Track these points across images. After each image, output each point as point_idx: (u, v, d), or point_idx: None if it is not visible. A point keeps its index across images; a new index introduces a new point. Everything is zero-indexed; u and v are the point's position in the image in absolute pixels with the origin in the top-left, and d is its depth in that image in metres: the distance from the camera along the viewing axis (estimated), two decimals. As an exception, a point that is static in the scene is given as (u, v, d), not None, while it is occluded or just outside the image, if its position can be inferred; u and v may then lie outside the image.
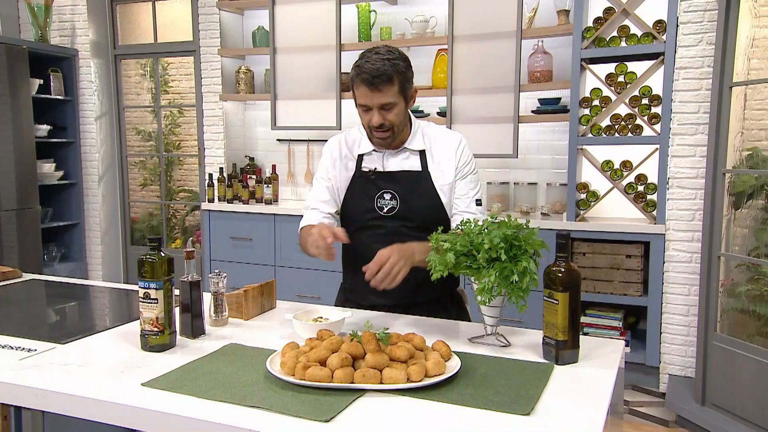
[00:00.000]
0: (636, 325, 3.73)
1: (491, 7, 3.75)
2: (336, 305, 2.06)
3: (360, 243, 1.91)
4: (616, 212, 3.57)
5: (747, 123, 3.25)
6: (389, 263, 1.64)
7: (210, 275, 1.72)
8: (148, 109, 5.69)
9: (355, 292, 1.99)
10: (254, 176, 4.52)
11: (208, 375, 1.36)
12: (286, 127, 4.41)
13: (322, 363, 1.32)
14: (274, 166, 4.57)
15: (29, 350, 1.52)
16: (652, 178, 3.47)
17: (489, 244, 1.43)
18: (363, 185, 1.93)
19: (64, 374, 1.38)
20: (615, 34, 3.44)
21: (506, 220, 1.50)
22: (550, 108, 3.78)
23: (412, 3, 4.21)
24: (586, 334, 3.30)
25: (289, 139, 4.68)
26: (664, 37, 3.29)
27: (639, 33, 3.39)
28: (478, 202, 1.93)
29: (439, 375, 1.30)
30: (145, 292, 1.50)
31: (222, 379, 1.34)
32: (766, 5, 3.09)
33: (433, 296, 1.96)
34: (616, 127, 3.46)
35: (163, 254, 1.52)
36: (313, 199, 1.99)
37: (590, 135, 3.50)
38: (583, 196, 3.57)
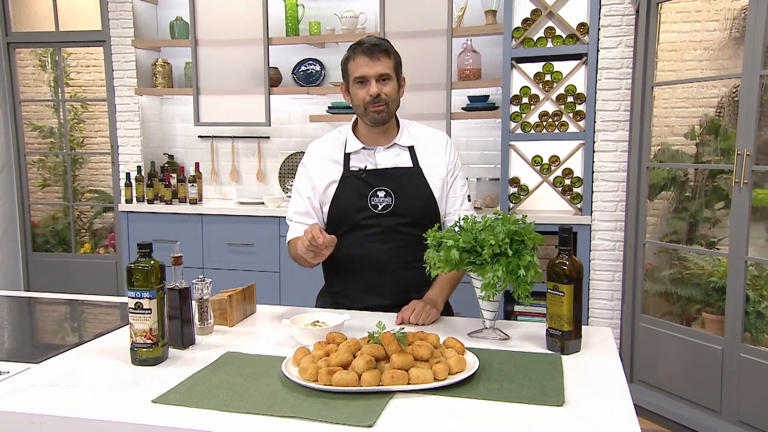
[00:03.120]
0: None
1: (421, 4, 3.80)
2: (322, 308, 2.01)
3: (353, 243, 1.88)
4: (545, 205, 3.75)
5: (655, 120, 3.53)
6: (419, 306, 1.74)
7: (194, 281, 1.63)
8: (47, 104, 5.24)
9: (346, 295, 1.96)
10: (176, 175, 4.31)
11: (221, 386, 1.29)
12: (210, 123, 4.24)
13: (344, 367, 1.30)
14: (197, 164, 4.38)
15: None
16: (578, 172, 3.67)
17: (495, 240, 1.46)
18: (354, 184, 1.90)
19: (56, 396, 1.25)
20: (542, 34, 3.60)
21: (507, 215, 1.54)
22: (480, 105, 3.90)
23: (340, -2, 4.18)
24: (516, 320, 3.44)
25: (213, 136, 4.49)
26: (587, 38, 3.49)
27: (564, 34, 3.57)
28: (468, 198, 1.98)
29: (461, 372, 1.31)
30: (136, 302, 1.39)
31: (238, 389, 1.28)
32: (670, 12, 3.37)
33: (425, 294, 1.97)
34: (544, 123, 3.63)
35: (154, 260, 1.42)
36: (293, 212, 1.98)
37: (520, 131, 3.65)
38: (514, 190, 3.72)
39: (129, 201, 4.26)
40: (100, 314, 1.98)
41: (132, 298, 1.39)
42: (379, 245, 1.84)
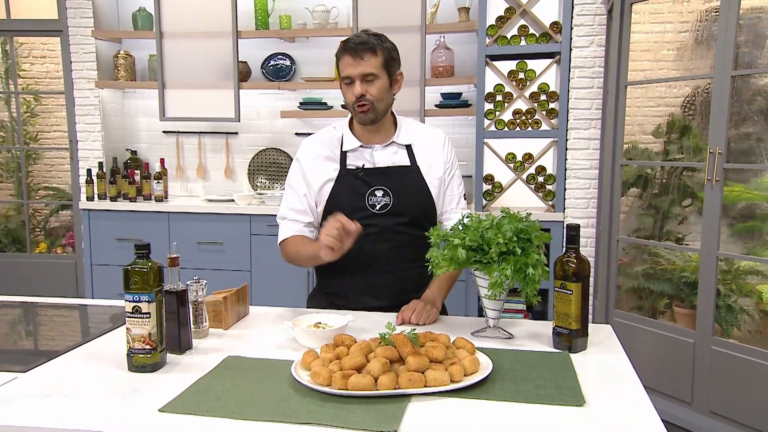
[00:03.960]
0: (530, 307, 3.98)
1: (395, 0, 3.77)
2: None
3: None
4: (518, 202, 3.78)
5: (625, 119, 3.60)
6: (419, 306, 1.71)
7: (188, 282, 1.56)
8: (-4, 96, 4.99)
9: (342, 296, 1.91)
10: (139, 171, 4.16)
11: (229, 393, 1.24)
12: (176, 118, 4.11)
13: (358, 370, 1.26)
14: (162, 161, 4.23)
15: (-14, 384, 1.28)
16: (551, 169, 3.72)
17: (503, 239, 1.45)
18: (350, 183, 1.85)
19: (53, 407, 1.18)
20: (515, 33, 3.62)
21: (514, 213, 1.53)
22: (453, 102, 3.90)
23: (311, -8, 4.11)
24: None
25: (178, 131, 4.36)
26: (559, 37, 3.53)
27: (537, 33, 3.60)
28: (465, 198, 1.97)
29: (475, 373, 1.29)
30: (134, 306, 1.32)
31: (248, 395, 1.23)
32: (643, 12, 3.44)
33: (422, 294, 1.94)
34: (518, 121, 3.65)
35: (152, 262, 1.35)
36: (290, 210, 1.91)
37: (494, 129, 3.67)
38: (488, 187, 3.73)
39: (90, 198, 4.09)
40: (56, 316, 1.87)
41: (129, 301, 1.32)
42: (376, 245, 1.80)
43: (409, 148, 1.90)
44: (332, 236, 1.56)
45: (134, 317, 1.32)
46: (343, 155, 1.89)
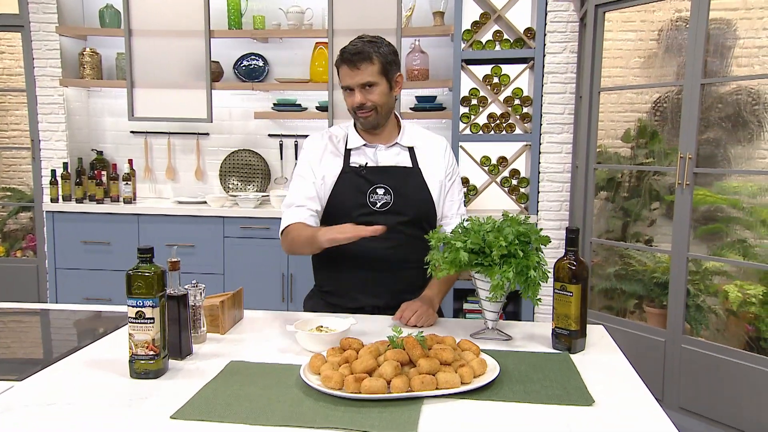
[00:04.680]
0: (505, 307, 4.04)
1: (371, 3, 3.77)
2: (311, 310, 1.95)
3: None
4: (493, 204, 3.83)
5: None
6: (421, 309, 1.73)
7: (186, 286, 1.53)
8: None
9: (339, 294, 1.91)
10: (106, 172, 4.05)
11: (240, 399, 1.22)
12: (146, 118, 4.01)
13: (369, 373, 1.26)
14: (131, 161, 4.13)
15: (-19, 394, 1.23)
16: (524, 172, 3.78)
17: (504, 241, 1.47)
18: (353, 180, 1.86)
19: (59, 415, 1.14)
20: (490, 38, 3.67)
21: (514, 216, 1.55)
22: (428, 105, 3.93)
23: (284, -8, 4.08)
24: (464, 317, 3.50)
25: (146, 131, 4.26)
26: (533, 43, 3.60)
27: (512, 39, 3.66)
28: (464, 204, 2.01)
29: (483, 374, 1.31)
30: (138, 312, 1.29)
31: (260, 401, 1.21)
32: (612, 21, 3.54)
33: (418, 296, 1.95)
34: (492, 125, 3.71)
35: (155, 266, 1.32)
36: (298, 195, 1.88)
37: (469, 132, 3.71)
38: (464, 190, 3.77)
39: (54, 200, 3.96)
40: (11, 322, 1.81)
41: (133, 306, 1.29)
42: (376, 243, 1.80)
43: (411, 150, 1.92)
44: (343, 234, 1.59)
45: (138, 323, 1.29)
46: (347, 153, 1.90)
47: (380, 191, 1.85)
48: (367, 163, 1.88)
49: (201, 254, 3.80)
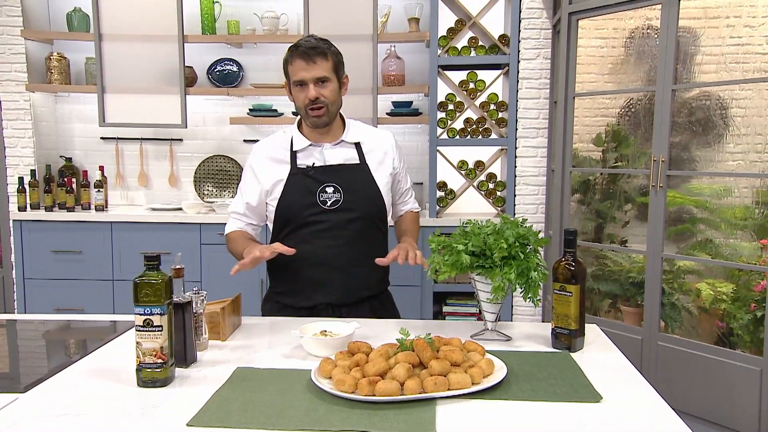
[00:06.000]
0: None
1: (346, 9, 3.78)
2: (268, 314, 1.96)
3: (301, 240, 1.87)
4: (470, 208, 3.88)
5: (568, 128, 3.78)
6: (411, 249, 1.79)
7: (188, 293, 1.51)
8: None
9: (293, 294, 1.93)
10: (76, 179, 3.95)
11: (253, 404, 1.22)
12: (117, 123, 3.93)
13: (381, 376, 1.27)
14: (102, 168, 4.04)
15: (-16, 407, 1.19)
16: (501, 176, 3.84)
17: (505, 243, 1.50)
18: (302, 181, 1.89)
19: (71, 427, 1.12)
20: (465, 44, 3.73)
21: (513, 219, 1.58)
22: (404, 110, 3.96)
23: (259, -3, 4.06)
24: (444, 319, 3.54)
25: (117, 138, 4.17)
26: (508, 49, 3.67)
27: (487, 45, 3.72)
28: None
29: (491, 374, 1.33)
30: (146, 320, 1.27)
31: (274, 406, 1.21)
32: (586, 28, 3.63)
33: (374, 293, 1.99)
34: (469, 130, 3.76)
35: (162, 273, 1.31)
36: (240, 204, 1.99)
37: (446, 137, 3.75)
38: (442, 194, 3.81)
39: (22, 209, 3.84)
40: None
41: (140, 314, 1.27)
42: (327, 241, 1.85)
43: (358, 146, 1.96)
44: (261, 253, 1.69)
45: (146, 331, 1.27)
46: (294, 155, 1.92)
47: (329, 189, 1.88)
48: (314, 163, 1.90)
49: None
